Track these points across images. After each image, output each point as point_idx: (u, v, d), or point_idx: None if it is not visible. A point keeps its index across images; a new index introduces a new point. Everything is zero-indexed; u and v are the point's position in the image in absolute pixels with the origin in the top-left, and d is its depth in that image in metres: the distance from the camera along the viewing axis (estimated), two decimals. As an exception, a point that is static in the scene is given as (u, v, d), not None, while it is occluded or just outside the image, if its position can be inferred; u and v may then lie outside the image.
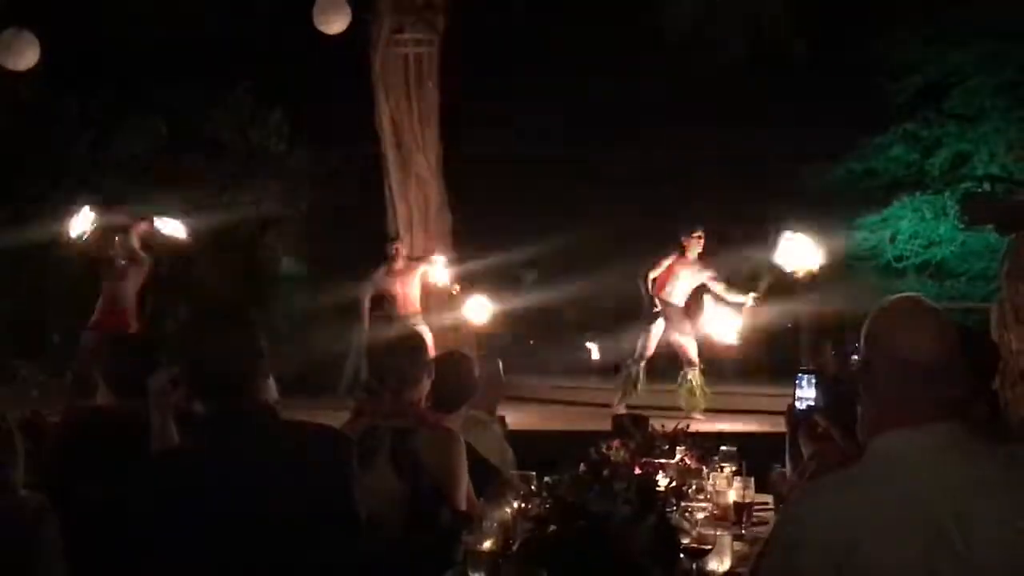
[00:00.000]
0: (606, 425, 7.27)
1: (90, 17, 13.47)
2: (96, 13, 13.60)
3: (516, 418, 8.45)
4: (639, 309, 10.75)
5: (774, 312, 12.40)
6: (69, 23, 12.38)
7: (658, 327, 10.63)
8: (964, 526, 2.08)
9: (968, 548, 2.07)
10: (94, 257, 10.55)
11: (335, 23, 10.36)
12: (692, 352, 10.62)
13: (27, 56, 9.94)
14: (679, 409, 10.15)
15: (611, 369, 11.52)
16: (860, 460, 2.25)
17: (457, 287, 11.88)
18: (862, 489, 2.18)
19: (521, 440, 5.67)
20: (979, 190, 15.49)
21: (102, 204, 11.06)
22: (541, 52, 15.20)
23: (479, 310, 11.37)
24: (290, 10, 11.26)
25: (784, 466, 4.73)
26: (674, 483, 3.41)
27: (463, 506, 3.83)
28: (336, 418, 4.96)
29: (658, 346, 10.78)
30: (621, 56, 15.46)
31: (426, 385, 4.12)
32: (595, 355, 14.05)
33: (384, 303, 11.55)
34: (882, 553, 2.08)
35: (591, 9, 14.72)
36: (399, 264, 11.65)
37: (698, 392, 10.59)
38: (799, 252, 9.88)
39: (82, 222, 10.46)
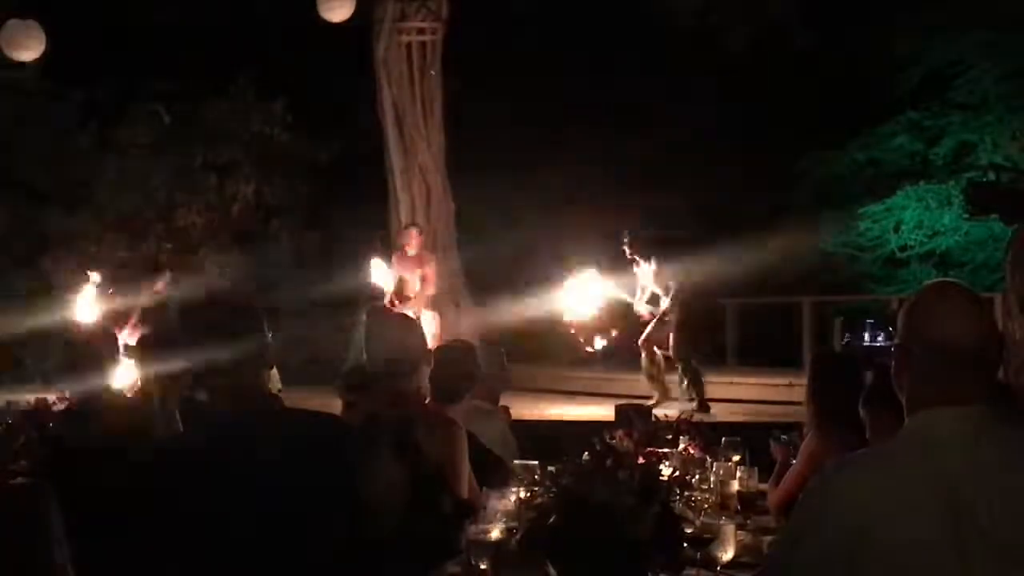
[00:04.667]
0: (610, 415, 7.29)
1: (93, 7, 13.46)
2: (99, 3, 13.59)
3: (519, 407, 8.44)
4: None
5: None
6: (72, 13, 12.38)
7: None
8: (991, 504, 2.11)
9: (994, 525, 2.10)
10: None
11: (339, 11, 10.37)
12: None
13: (32, 47, 9.97)
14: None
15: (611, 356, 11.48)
16: (892, 438, 2.29)
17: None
18: (891, 466, 2.21)
19: (524, 429, 5.68)
20: (983, 179, 15.48)
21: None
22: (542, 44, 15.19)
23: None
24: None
25: (783, 436, 4.75)
26: (677, 472, 3.40)
27: (465, 495, 3.83)
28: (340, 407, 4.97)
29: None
30: (625, 46, 15.46)
31: (425, 373, 4.12)
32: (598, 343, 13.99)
33: (387, 291, 11.49)
34: (908, 529, 2.12)
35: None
36: (412, 251, 11.57)
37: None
38: (582, 294, 10.10)
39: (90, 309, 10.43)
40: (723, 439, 4.66)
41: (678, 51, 15.19)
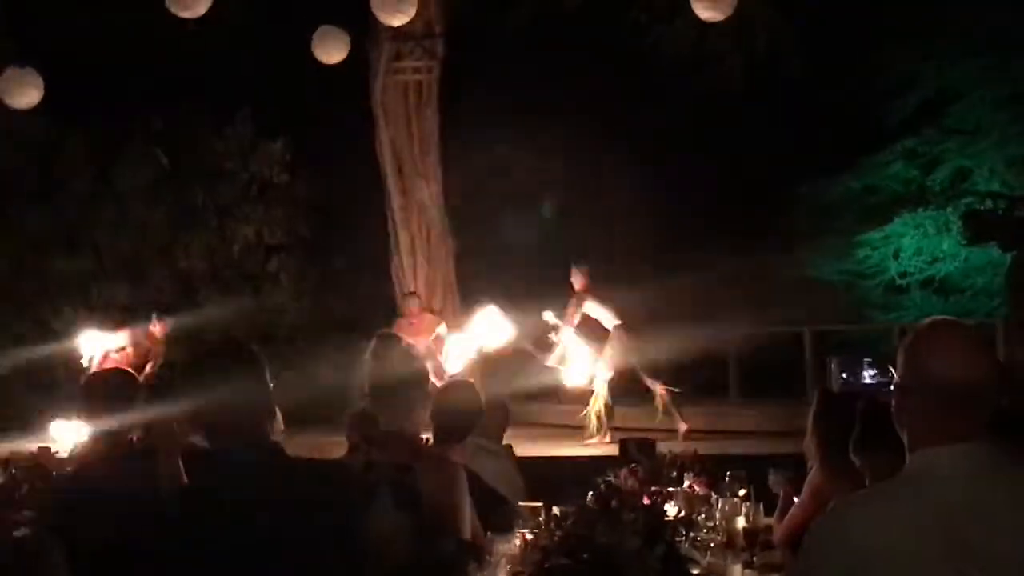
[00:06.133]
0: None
1: (90, 51, 13.53)
2: (96, 47, 13.66)
3: (521, 445, 8.41)
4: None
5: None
6: (70, 57, 12.44)
7: None
8: (991, 541, 2.13)
9: (995, 562, 2.12)
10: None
11: (334, 53, 10.40)
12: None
13: (30, 94, 10.00)
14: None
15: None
16: (893, 477, 2.30)
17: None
18: (893, 505, 2.23)
19: (526, 467, 5.66)
20: (981, 208, 15.50)
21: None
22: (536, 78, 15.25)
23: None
24: (289, 40, 11.30)
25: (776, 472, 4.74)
26: (683, 512, 3.40)
27: (467, 535, 3.82)
28: (343, 446, 4.97)
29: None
30: (619, 80, 15.52)
31: (422, 415, 4.12)
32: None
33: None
34: (911, 567, 2.14)
35: (586, 32, 14.77)
36: (413, 319, 11.67)
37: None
38: (491, 327, 10.32)
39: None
40: (727, 473, 4.66)
41: (671, 81, 15.25)
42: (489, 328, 10.58)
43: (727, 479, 4.62)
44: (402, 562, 2.93)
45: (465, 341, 10.80)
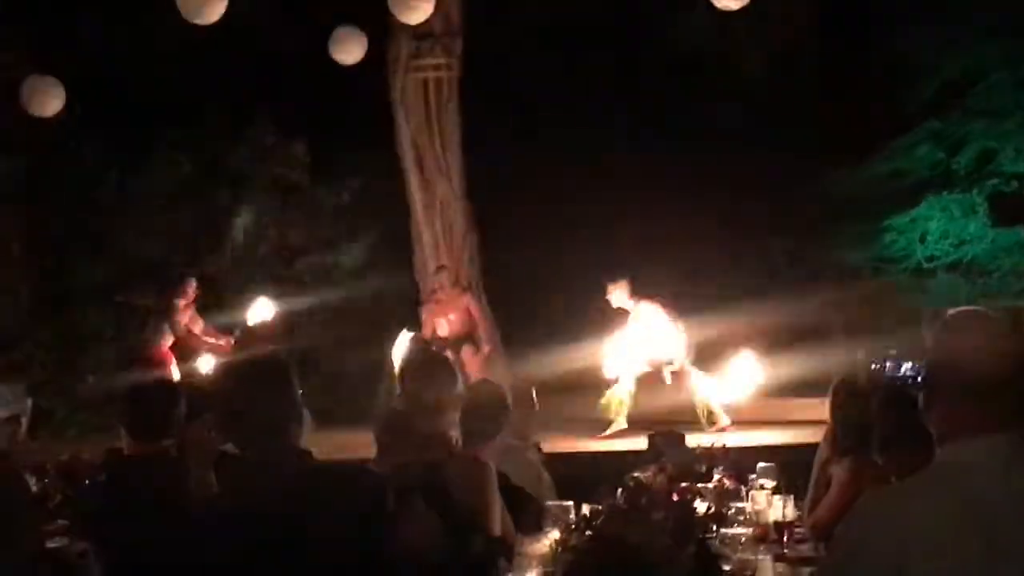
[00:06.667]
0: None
1: (110, 59, 13.59)
2: (115, 55, 13.72)
3: (549, 440, 8.41)
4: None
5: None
6: (90, 65, 12.50)
7: None
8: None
9: None
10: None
11: (352, 53, 10.42)
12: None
13: (52, 103, 10.06)
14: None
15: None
16: (923, 470, 2.29)
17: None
18: (925, 498, 2.22)
19: (555, 464, 5.66)
20: (1007, 190, 15.39)
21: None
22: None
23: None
24: (307, 42, 11.33)
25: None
26: (712, 509, 3.40)
27: (497, 533, 3.83)
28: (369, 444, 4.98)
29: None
30: (640, 71, 15.47)
31: (455, 416, 4.13)
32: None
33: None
34: (944, 559, 2.12)
35: (605, 29, 14.74)
36: (442, 295, 11.67)
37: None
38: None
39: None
40: (758, 465, 4.64)
41: (695, 72, 15.19)
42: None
43: (757, 471, 4.60)
44: (434, 561, 2.93)
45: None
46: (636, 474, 3.94)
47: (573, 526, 3.19)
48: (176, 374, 10.68)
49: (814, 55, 14.75)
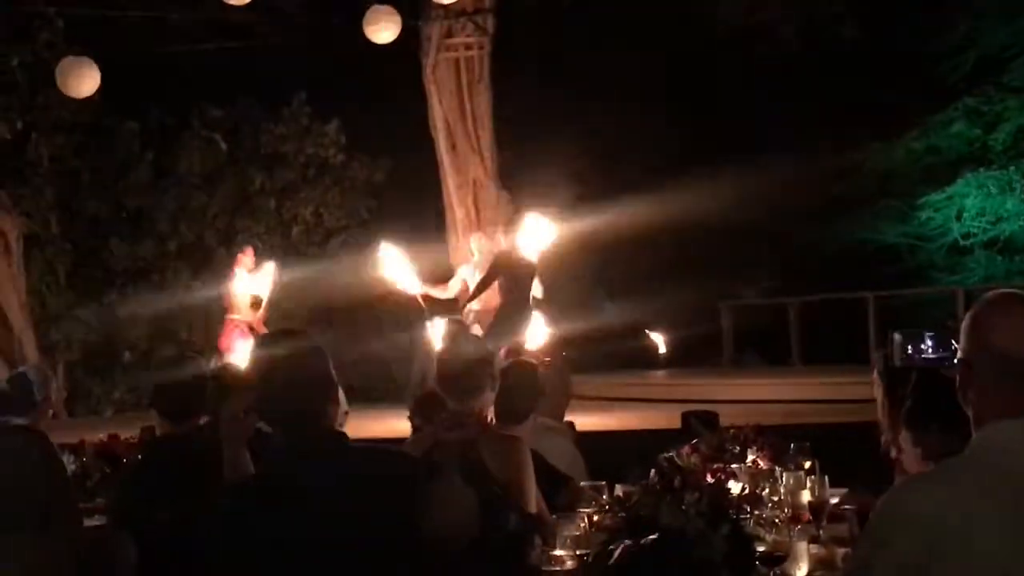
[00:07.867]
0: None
1: (145, 39, 13.66)
2: (151, 35, 13.79)
3: (581, 419, 8.41)
4: None
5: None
6: (125, 46, 12.56)
7: None
8: None
9: None
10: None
11: (385, 32, 10.41)
12: None
13: (87, 83, 10.10)
14: None
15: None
16: (961, 452, 2.27)
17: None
18: (960, 480, 2.20)
19: (587, 443, 5.66)
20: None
21: None
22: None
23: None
24: (341, 21, 11.35)
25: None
26: (746, 489, 3.39)
27: (532, 510, 3.83)
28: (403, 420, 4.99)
29: None
30: (674, 47, 15.40)
31: (490, 397, 4.14)
32: (661, 348, 13.90)
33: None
34: (980, 542, 2.10)
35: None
36: (479, 257, 11.63)
37: None
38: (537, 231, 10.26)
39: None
40: (792, 444, 4.62)
41: (728, 49, 15.11)
42: None
43: (791, 451, 4.57)
44: (471, 536, 2.95)
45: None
46: (670, 454, 3.93)
47: (606, 507, 3.19)
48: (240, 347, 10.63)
49: (846, 30, 14.60)
